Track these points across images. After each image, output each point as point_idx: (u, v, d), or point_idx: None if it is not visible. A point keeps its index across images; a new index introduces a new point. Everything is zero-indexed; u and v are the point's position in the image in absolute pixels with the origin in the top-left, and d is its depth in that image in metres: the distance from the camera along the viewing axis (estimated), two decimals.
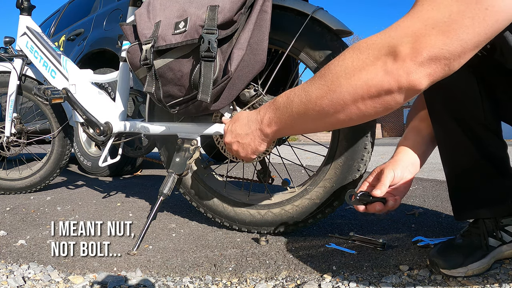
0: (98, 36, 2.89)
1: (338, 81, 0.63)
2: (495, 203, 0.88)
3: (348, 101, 0.63)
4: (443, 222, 1.31)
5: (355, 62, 0.61)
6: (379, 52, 0.58)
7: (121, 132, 1.43)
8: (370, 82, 0.59)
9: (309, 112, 0.69)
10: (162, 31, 1.03)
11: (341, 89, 0.63)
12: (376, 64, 0.59)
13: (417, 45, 0.55)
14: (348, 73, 0.61)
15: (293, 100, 0.72)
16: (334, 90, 0.63)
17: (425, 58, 0.55)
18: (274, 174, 1.40)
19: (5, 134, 1.96)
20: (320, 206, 1.14)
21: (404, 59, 0.56)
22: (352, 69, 0.61)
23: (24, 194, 2.07)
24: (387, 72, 0.58)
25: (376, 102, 0.61)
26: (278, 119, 0.77)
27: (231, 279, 0.92)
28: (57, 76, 1.63)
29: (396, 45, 0.56)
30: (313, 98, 0.67)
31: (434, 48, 0.54)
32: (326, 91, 0.65)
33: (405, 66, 0.56)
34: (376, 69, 0.59)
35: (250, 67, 1.03)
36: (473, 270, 0.84)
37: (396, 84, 0.58)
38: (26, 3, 1.85)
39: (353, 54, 0.62)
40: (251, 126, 0.84)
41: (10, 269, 0.98)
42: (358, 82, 0.60)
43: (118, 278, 0.91)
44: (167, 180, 1.21)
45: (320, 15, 1.08)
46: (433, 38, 0.54)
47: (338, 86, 0.63)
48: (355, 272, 0.90)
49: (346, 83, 0.62)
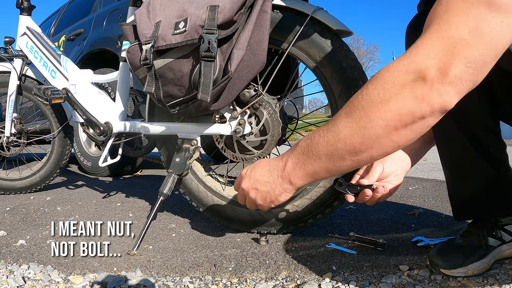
0: (98, 36, 2.89)
1: (368, 116, 0.60)
2: (495, 203, 0.88)
3: (381, 135, 0.61)
4: (443, 222, 1.31)
5: (382, 94, 0.59)
6: (405, 79, 0.57)
7: (121, 132, 1.43)
8: (401, 111, 0.58)
9: (338, 153, 0.66)
10: (162, 31, 1.03)
11: (372, 124, 0.60)
12: (404, 92, 0.57)
13: (442, 67, 0.55)
14: (377, 106, 0.59)
15: (318, 142, 0.68)
16: (365, 126, 0.61)
17: (452, 78, 0.55)
18: None
19: (5, 134, 1.96)
20: (320, 206, 1.14)
21: (433, 82, 0.55)
22: (380, 101, 0.59)
23: (24, 194, 2.07)
24: (417, 98, 0.57)
25: (409, 130, 0.60)
26: (303, 164, 0.71)
27: (231, 279, 0.92)
28: (57, 76, 1.63)
29: (421, 70, 0.56)
30: (341, 138, 0.64)
31: (459, 67, 0.54)
32: (356, 128, 0.62)
33: (434, 89, 0.56)
34: (405, 97, 0.57)
35: (250, 67, 1.03)
36: (473, 270, 0.84)
37: (428, 108, 0.57)
38: (26, 3, 1.85)
39: (377, 85, 0.60)
40: (272, 173, 0.77)
41: (10, 269, 0.98)
42: (388, 113, 0.59)
43: (118, 278, 0.91)
44: (167, 180, 1.21)
45: (320, 15, 1.08)
46: (456, 57, 0.54)
47: (368, 122, 0.60)
48: (355, 272, 0.90)
49: (377, 117, 0.60)
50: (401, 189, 2.00)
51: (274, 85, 1.18)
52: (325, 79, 1.10)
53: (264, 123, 1.13)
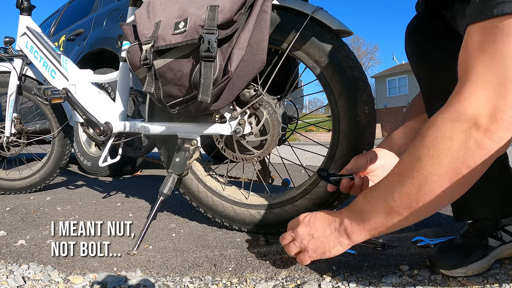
0: (98, 36, 2.89)
1: (426, 181, 0.61)
2: (494, 203, 0.88)
3: (438, 192, 0.62)
4: (443, 222, 1.31)
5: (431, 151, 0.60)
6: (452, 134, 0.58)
7: (121, 132, 1.43)
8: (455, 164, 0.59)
9: (395, 213, 0.68)
10: (162, 31, 1.03)
11: (427, 181, 0.61)
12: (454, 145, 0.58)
13: (491, 114, 0.56)
14: (432, 171, 0.60)
15: (374, 205, 0.70)
16: (421, 187, 0.62)
17: (505, 121, 0.55)
18: (274, 174, 1.40)
19: (5, 134, 1.96)
20: (320, 206, 1.14)
21: (483, 131, 0.56)
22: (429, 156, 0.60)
23: (24, 194, 2.07)
24: (470, 149, 0.58)
25: (469, 179, 0.62)
26: (361, 221, 0.74)
27: (231, 279, 0.92)
28: (57, 76, 1.63)
29: (469, 122, 0.57)
30: (398, 205, 0.66)
31: (509, 109, 0.55)
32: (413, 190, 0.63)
33: (487, 136, 0.56)
34: (457, 151, 0.58)
35: (250, 67, 1.03)
36: (473, 270, 0.84)
37: (484, 155, 0.58)
38: (26, 3, 1.85)
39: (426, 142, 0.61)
40: (330, 225, 0.81)
41: (10, 269, 0.98)
42: (442, 168, 0.60)
43: (118, 278, 0.91)
44: (167, 180, 1.21)
45: (320, 15, 1.08)
46: (502, 101, 0.55)
47: (423, 181, 0.62)
48: (355, 272, 0.90)
49: (435, 178, 0.61)
50: None
51: (274, 85, 1.18)
52: (325, 79, 1.10)
53: (264, 123, 1.13)
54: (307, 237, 0.83)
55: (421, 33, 0.94)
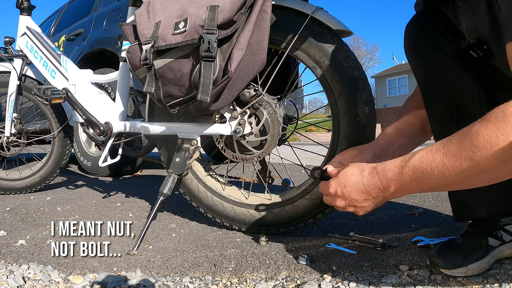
0: (98, 36, 2.89)
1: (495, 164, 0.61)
2: (494, 203, 0.88)
3: (500, 178, 0.64)
4: (443, 222, 1.31)
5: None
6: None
7: (121, 132, 1.43)
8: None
9: (451, 187, 0.71)
10: (162, 31, 1.03)
11: (496, 172, 0.63)
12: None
13: None
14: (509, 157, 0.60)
15: (431, 177, 0.69)
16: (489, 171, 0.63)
17: None
18: (274, 174, 1.40)
19: (5, 134, 1.96)
20: (320, 206, 1.14)
21: None
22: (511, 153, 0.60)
23: (24, 194, 2.07)
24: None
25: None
26: (409, 188, 0.74)
27: (231, 279, 0.92)
28: (57, 76, 1.63)
29: None
30: (461, 177, 0.65)
31: None
32: (479, 171, 0.63)
33: None
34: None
35: (250, 67, 1.03)
36: (473, 270, 0.84)
37: None
38: (26, 3, 1.85)
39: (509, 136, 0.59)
40: (372, 194, 0.79)
41: (10, 269, 0.98)
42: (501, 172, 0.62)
43: (118, 278, 0.91)
44: (167, 180, 1.21)
45: (320, 15, 1.08)
46: None
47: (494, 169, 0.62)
48: (355, 272, 0.90)
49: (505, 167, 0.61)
50: None
51: (274, 85, 1.18)
52: (325, 79, 1.10)
53: (264, 123, 1.13)
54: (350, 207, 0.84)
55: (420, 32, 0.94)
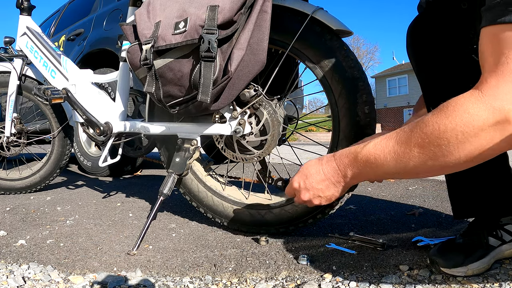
0: (98, 36, 2.89)
1: (442, 152, 0.63)
2: (494, 202, 0.89)
3: (450, 166, 0.64)
4: (443, 222, 1.31)
5: (460, 136, 0.61)
6: (484, 124, 0.59)
7: (121, 132, 1.43)
8: (475, 151, 0.61)
9: (402, 174, 0.70)
10: (162, 31, 1.03)
11: (445, 159, 0.63)
12: (482, 136, 0.59)
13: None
14: (453, 145, 0.61)
15: (383, 163, 0.71)
16: (437, 159, 0.64)
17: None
18: (274, 174, 1.40)
19: (5, 134, 1.96)
20: (320, 206, 1.13)
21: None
22: (457, 141, 0.61)
23: (24, 194, 2.07)
24: (493, 140, 0.59)
25: (475, 163, 0.63)
26: (365, 175, 0.76)
27: (231, 279, 0.92)
28: (57, 76, 1.63)
29: (501, 116, 0.57)
30: (410, 166, 0.67)
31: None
32: (427, 159, 0.65)
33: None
34: (482, 140, 0.59)
35: (250, 67, 1.03)
36: (473, 270, 0.84)
37: (506, 146, 0.60)
38: (26, 3, 1.85)
39: (456, 127, 0.61)
40: (332, 180, 0.82)
41: (10, 269, 0.98)
42: (463, 152, 0.61)
43: (118, 278, 0.91)
44: (167, 180, 1.21)
45: (320, 15, 1.08)
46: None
47: (441, 156, 0.63)
48: (355, 272, 0.90)
49: (451, 155, 0.62)
50: (401, 189, 2.00)
51: (274, 85, 1.18)
52: (325, 79, 1.10)
53: (264, 123, 1.13)
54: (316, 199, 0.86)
55: (422, 33, 0.94)
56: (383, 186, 2.13)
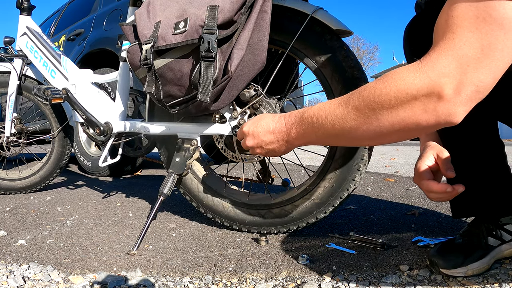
0: (98, 36, 2.89)
1: (375, 116, 0.64)
2: (493, 202, 0.88)
3: (384, 133, 0.65)
4: (443, 222, 1.31)
5: (393, 101, 0.62)
6: (418, 93, 0.60)
7: (121, 132, 1.43)
8: (408, 120, 0.61)
9: (340, 138, 0.72)
10: (162, 31, 1.03)
11: (378, 123, 0.64)
12: (415, 104, 0.60)
13: (458, 85, 0.57)
14: (386, 110, 0.63)
15: (324, 124, 0.72)
16: (371, 123, 0.65)
17: (465, 97, 0.57)
18: (274, 174, 1.40)
19: (5, 134, 1.97)
20: (320, 206, 1.14)
21: (446, 100, 0.58)
22: (390, 106, 0.62)
23: (24, 194, 2.07)
24: (427, 111, 0.60)
25: (410, 133, 0.64)
26: (307, 135, 0.77)
27: (231, 279, 0.92)
28: (57, 76, 1.63)
29: (436, 86, 0.58)
30: (346, 128, 0.68)
31: (472, 86, 0.56)
32: (362, 123, 0.66)
33: (446, 106, 0.58)
34: (415, 108, 0.60)
35: (250, 67, 1.03)
36: (473, 270, 0.84)
37: (435, 121, 0.60)
38: (26, 3, 1.85)
39: (390, 92, 0.62)
40: (277, 136, 0.83)
41: (10, 269, 0.98)
42: (396, 118, 0.62)
43: (118, 278, 0.91)
44: (167, 180, 1.21)
45: (320, 15, 1.08)
46: (469, 76, 0.56)
47: (375, 120, 0.64)
48: (355, 272, 0.90)
49: (384, 119, 0.63)
50: (401, 189, 2.00)
51: (274, 85, 1.18)
52: (325, 79, 1.10)
53: None
54: (258, 148, 0.87)
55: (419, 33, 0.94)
56: (383, 186, 2.13)
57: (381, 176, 2.58)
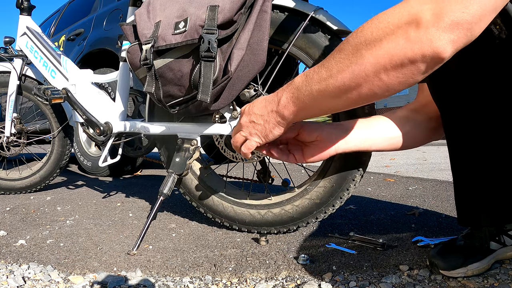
0: (98, 36, 2.89)
1: (359, 53, 0.60)
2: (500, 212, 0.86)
3: (370, 73, 0.60)
4: (443, 222, 1.31)
5: (375, 32, 0.59)
6: (399, 21, 0.57)
7: (121, 132, 1.43)
8: (392, 51, 0.57)
9: (329, 88, 0.66)
10: (162, 31, 1.03)
11: (363, 61, 0.60)
12: (397, 33, 0.57)
13: (438, 11, 0.53)
14: (369, 44, 0.59)
15: (312, 77, 0.68)
16: (356, 62, 0.61)
17: (447, 23, 0.53)
18: (274, 174, 1.40)
19: (5, 134, 1.97)
20: (320, 206, 1.14)
21: (426, 26, 0.54)
22: (373, 39, 0.59)
23: (24, 194, 2.07)
24: (409, 40, 0.56)
25: (399, 73, 0.59)
26: (297, 99, 0.71)
27: (231, 279, 0.92)
28: (57, 76, 1.63)
29: (417, 13, 0.55)
30: (333, 73, 0.64)
31: (455, 13, 0.53)
32: (347, 64, 0.62)
33: (427, 32, 0.54)
34: (397, 37, 0.57)
35: (250, 67, 1.03)
36: (473, 271, 0.84)
37: (419, 51, 0.56)
38: (26, 3, 1.85)
39: (372, 25, 0.60)
40: (267, 107, 0.77)
41: (10, 269, 0.98)
42: (379, 51, 0.58)
43: (118, 278, 0.91)
44: (167, 180, 1.21)
45: (320, 15, 1.08)
46: (453, 2, 0.53)
47: (359, 58, 0.60)
48: (355, 272, 0.90)
49: (368, 54, 0.59)
50: (401, 189, 2.00)
51: (274, 85, 1.18)
52: None
53: None
54: (249, 124, 0.81)
55: None
56: (383, 186, 2.13)
57: (381, 176, 2.59)
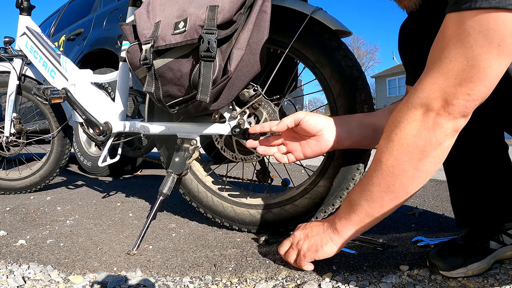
0: (98, 36, 2.89)
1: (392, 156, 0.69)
2: (499, 210, 0.87)
3: (408, 168, 0.67)
4: (443, 222, 1.31)
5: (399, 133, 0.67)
6: (415, 114, 0.64)
7: (120, 132, 1.43)
8: (419, 143, 0.65)
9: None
10: (161, 31, 1.03)
11: (398, 161, 0.68)
12: (416, 125, 0.64)
13: (447, 98, 0.60)
14: (398, 144, 0.67)
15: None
16: (392, 165, 0.69)
17: (457, 107, 0.60)
18: (273, 174, 1.40)
19: (4, 134, 1.96)
20: (320, 205, 1.14)
21: (439, 112, 0.62)
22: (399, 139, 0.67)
23: (24, 194, 2.07)
24: (429, 128, 0.63)
25: (432, 157, 0.66)
26: (350, 221, 0.81)
27: (231, 279, 0.92)
28: (56, 76, 1.63)
29: (428, 103, 0.62)
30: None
31: (463, 96, 0.59)
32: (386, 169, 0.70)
33: (443, 118, 0.62)
34: (419, 130, 0.64)
35: (250, 67, 1.03)
36: (473, 271, 0.84)
37: (442, 135, 0.63)
38: (26, 3, 1.85)
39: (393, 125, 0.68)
40: (324, 226, 0.87)
41: (10, 269, 0.98)
42: (410, 148, 0.66)
43: (118, 278, 0.91)
44: (167, 180, 1.21)
45: (320, 16, 1.08)
46: (458, 88, 0.59)
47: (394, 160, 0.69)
48: (355, 272, 0.90)
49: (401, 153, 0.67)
50: None
51: (274, 85, 1.18)
52: (324, 78, 1.10)
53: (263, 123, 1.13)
54: (303, 237, 0.89)
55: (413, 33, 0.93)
56: None
57: None
